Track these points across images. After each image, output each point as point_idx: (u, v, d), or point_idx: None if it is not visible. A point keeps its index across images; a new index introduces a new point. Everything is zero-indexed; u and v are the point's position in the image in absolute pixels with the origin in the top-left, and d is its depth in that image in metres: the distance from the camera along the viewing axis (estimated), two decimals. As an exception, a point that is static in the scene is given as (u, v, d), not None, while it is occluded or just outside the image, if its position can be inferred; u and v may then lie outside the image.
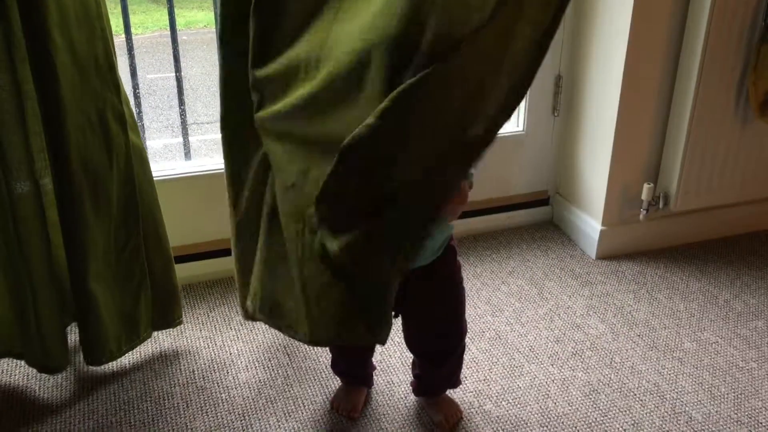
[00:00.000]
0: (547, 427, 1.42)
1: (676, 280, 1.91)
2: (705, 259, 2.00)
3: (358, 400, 1.45)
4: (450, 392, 1.47)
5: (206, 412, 1.45)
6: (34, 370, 1.52)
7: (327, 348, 1.48)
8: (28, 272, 1.38)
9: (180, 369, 1.57)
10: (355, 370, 1.46)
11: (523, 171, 2.12)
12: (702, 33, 1.73)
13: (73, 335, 1.63)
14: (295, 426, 1.42)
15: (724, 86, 1.82)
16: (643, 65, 1.80)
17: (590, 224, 2.02)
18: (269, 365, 1.58)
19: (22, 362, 1.54)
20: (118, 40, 1.42)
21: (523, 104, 2.03)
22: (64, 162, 1.31)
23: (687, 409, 1.47)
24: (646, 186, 1.93)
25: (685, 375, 1.56)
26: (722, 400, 1.50)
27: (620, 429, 1.42)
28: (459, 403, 1.46)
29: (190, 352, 1.62)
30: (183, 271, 1.80)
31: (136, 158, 1.42)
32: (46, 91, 1.26)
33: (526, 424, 1.43)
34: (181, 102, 1.87)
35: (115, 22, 1.71)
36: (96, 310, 1.43)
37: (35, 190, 1.35)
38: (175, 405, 1.47)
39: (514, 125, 2.08)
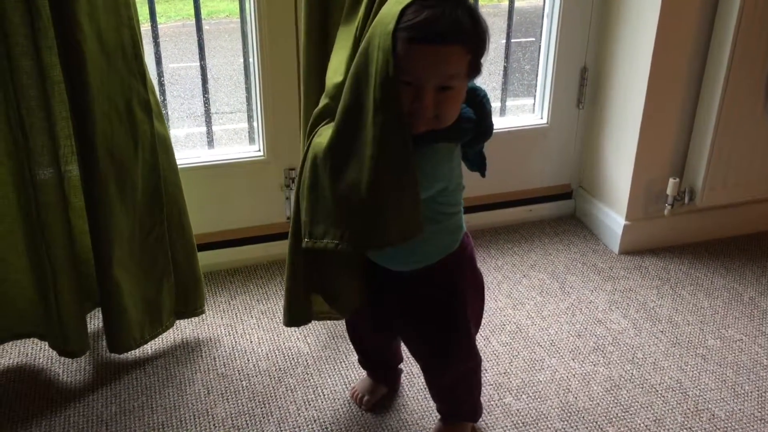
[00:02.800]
0: (567, 421, 1.41)
1: (700, 276, 1.89)
2: (730, 255, 1.98)
3: (373, 393, 1.44)
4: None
5: (227, 399, 1.46)
6: (59, 356, 1.54)
7: (348, 340, 1.47)
8: (50, 257, 1.39)
9: (201, 356, 1.58)
10: (372, 359, 1.45)
11: (546, 164, 2.10)
12: (732, 26, 1.71)
13: (96, 321, 1.64)
14: (315, 415, 1.43)
15: (752, 80, 1.79)
16: (671, 58, 1.78)
17: (614, 219, 2.00)
18: (289, 354, 1.59)
19: (47, 347, 1.56)
20: (143, 29, 1.42)
21: (547, 96, 2.02)
22: (90, 149, 1.32)
23: (710, 406, 1.46)
24: (671, 181, 1.90)
25: (708, 372, 1.55)
26: (746, 398, 1.48)
27: (642, 425, 1.41)
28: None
29: (211, 339, 1.64)
30: (204, 259, 1.81)
31: (161, 146, 1.43)
32: (74, 78, 1.27)
33: (546, 417, 1.42)
34: (205, 90, 1.87)
35: (140, 11, 1.72)
36: (119, 296, 1.44)
37: (58, 176, 1.37)
38: (197, 391, 1.48)
39: (538, 117, 2.06)
